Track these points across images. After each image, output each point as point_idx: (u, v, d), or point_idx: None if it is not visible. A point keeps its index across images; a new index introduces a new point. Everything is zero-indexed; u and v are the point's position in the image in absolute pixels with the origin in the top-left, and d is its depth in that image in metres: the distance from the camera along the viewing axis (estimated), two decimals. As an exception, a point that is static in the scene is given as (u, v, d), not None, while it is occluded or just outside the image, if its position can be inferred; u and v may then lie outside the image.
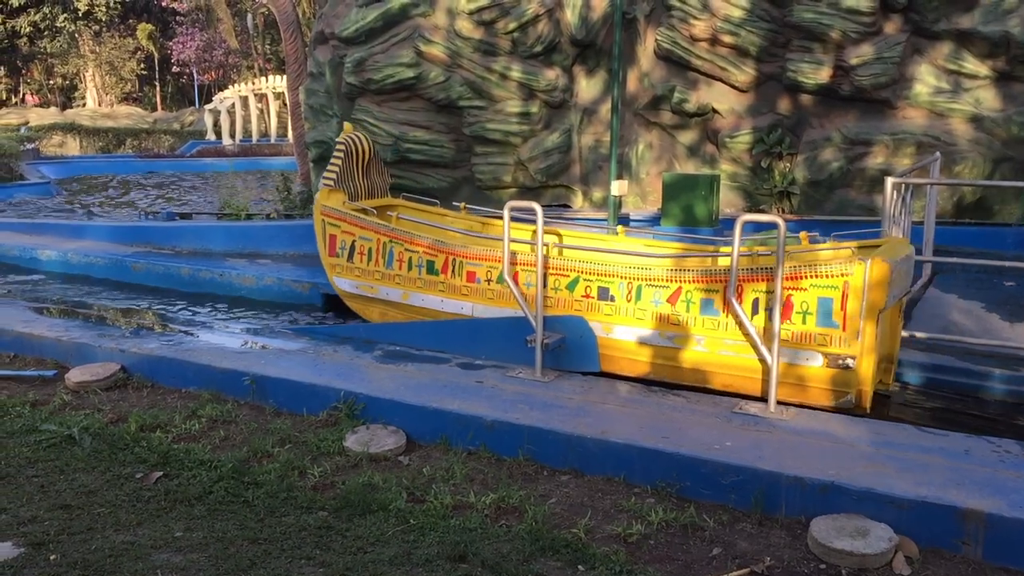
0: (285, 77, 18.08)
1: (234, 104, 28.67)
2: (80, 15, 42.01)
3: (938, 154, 8.02)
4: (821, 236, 5.68)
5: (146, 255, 10.44)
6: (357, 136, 7.41)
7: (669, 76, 11.31)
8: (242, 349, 6.13)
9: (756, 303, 5.06)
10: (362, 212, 7.03)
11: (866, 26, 10.13)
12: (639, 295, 5.47)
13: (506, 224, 5.51)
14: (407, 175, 12.03)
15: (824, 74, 10.33)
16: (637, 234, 7.33)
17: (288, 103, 15.96)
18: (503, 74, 11.62)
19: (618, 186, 9.49)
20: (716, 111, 11.10)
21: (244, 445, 4.68)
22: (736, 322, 5.09)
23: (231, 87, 30.35)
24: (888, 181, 6.14)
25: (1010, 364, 5.63)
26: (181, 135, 33.25)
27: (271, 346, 6.20)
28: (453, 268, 6.28)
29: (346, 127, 7.53)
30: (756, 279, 5.05)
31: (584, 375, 5.42)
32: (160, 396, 5.60)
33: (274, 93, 28.26)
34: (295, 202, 13.01)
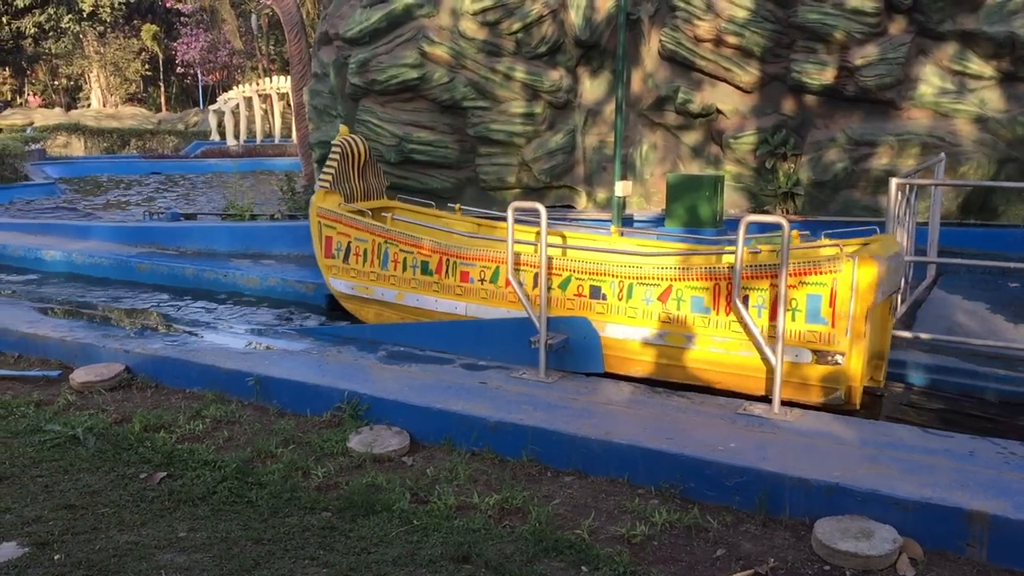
0: (289, 78, 18.12)
1: (238, 105, 28.70)
2: (85, 16, 42.05)
3: (943, 155, 8.00)
4: (813, 236, 5.71)
5: (150, 255, 10.46)
6: (353, 139, 7.46)
7: (673, 77, 11.31)
8: (246, 349, 6.14)
9: (746, 300, 5.10)
10: (358, 214, 7.06)
11: (870, 27, 10.12)
12: (630, 293, 5.52)
13: (510, 225, 5.52)
14: (411, 176, 12.05)
15: (828, 75, 10.32)
16: (631, 234, 7.38)
17: (292, 104, 16.01)
18: (507, 75, 11.63)
19: (622, 187, 9.48)
20: (720, 112, 11.09)
21: (248, 445, 4.69)
22: (740, 323, 5.10)
23: (235, 88, 30.37)
24: (892, 182, 6.13)
25: (1015, 365, 5.62)
26: (185, 136, 33.28)
27: (275, 346, 6.21)
28: (447, 268, 6.33)
29: (342, 130, 7.57)
30: (745, 277, 5.09)
31: (588, 376, 5.43)
32: (164, 396, 5.61)
33: (278, 94, 28.28)
34: (299, 203, 13.02)
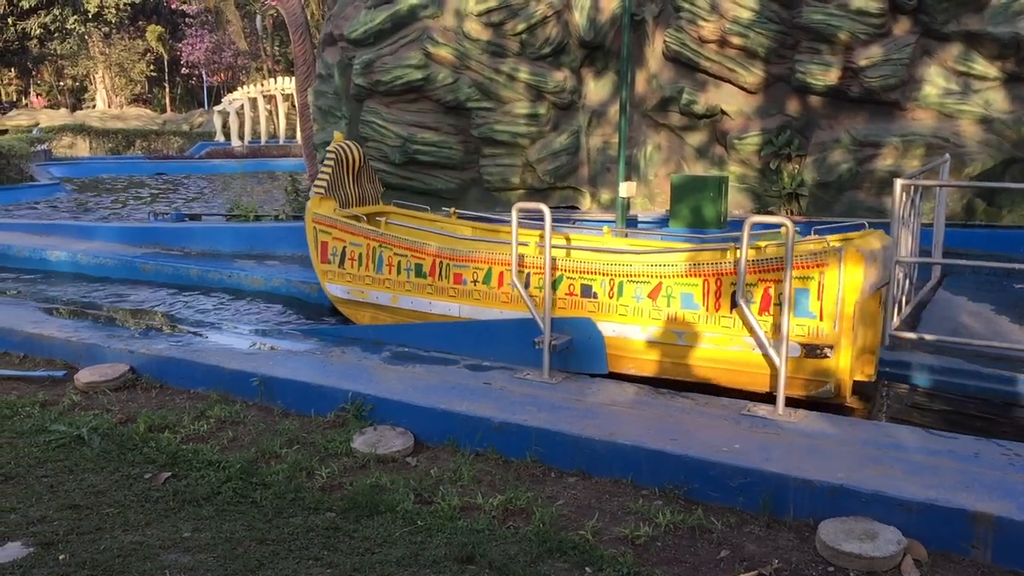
0: (294, 79, 18.11)
1: (243, 105, 28.78)
2: (90, 17, 42.14)
3: (947, 156, 7.99)
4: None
5: (155, 256, 10.49)
6: (347, 145, 7.52)
7: (678, 78, 11.30)
8: (250, 350, 6.15)
9: (732, 297, 5.12)
10: (353, 219, 7.09)
11: (875, 27, 10.10)
12: (621, 291, 5.54)
13: (514, 227, 5.52)
14: (415, 176, 12.06)
15: (833, 76, 10.31)
16: (634, 235, 7.44)
17: (297, 104, 16.00)
18: (511, 76, 11.63)
19: (626, 188, 9.49)
20: (725, 113, 11.08)
21: (252, 446, 4.70)
22: (743, 323, 5.10)
23: (240, 89, 30.46)
24: (897, 183, 6.12)
25: (1020, 367, 5.60)
26: (190, 136, 33.38)
27: (279, 347, 6.22)
28: (440, 271, 6.36)
29: (336, 136, 7.62)
30: (732, 273, 5.11)
31: (591, 376, 5.42)
32: (169, 397, 5.62)
33: (283, 95, 28.36)
34: (304, 203, 13.01)
